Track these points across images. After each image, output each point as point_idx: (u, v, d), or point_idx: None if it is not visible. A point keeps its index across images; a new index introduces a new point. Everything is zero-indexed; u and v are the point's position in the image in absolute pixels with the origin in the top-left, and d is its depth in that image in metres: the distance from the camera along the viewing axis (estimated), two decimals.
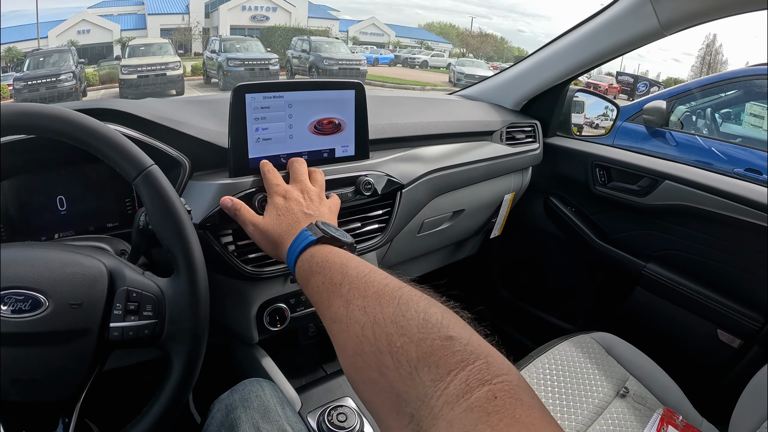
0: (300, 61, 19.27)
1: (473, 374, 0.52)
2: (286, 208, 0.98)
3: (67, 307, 0.75)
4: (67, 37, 20.73)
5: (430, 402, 0.52)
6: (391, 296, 0.65)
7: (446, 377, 0.53)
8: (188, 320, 0.84)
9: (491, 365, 0.53)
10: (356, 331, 0.64)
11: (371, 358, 0.61)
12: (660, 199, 1.89)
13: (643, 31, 1.65)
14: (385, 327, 0.61)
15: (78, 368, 0.77)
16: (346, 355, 0.66)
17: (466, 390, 0.51)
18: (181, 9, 26.79)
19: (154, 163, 0.85)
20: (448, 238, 2.05)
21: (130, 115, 1.08)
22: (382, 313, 0.63)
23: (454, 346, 0.56)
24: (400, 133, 1.52)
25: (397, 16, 66.79)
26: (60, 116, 0.80)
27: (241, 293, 1.24)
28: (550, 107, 2.13)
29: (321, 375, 1.41)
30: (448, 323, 0.59)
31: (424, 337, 0.57)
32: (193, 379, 0.86)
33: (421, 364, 0.55)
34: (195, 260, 0.85)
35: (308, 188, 1.05)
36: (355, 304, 0.67)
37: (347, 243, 0.88)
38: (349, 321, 0.66)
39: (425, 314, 0.60)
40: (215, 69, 16.77)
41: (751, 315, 1.74)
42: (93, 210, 1.15)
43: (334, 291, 0.73)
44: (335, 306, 0.71)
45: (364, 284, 0.70)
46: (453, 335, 0.57)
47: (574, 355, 1.62)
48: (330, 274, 0.76)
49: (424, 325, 0.59)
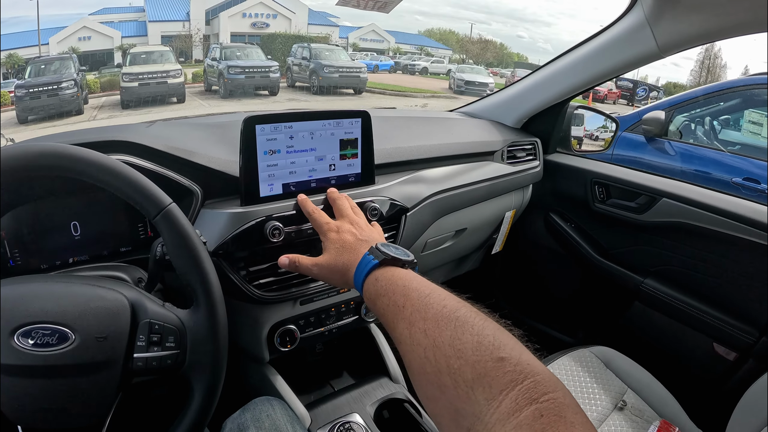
0: (300, 69, 19.16)
1: (522, 393, 0.56)
2: (342, 240, 1.01)
3: (93, 341, 0.78)
4: (68, 44, 20.62)
5: (484, 419, 0.57)
6: (449, 318, 0.69)
7: (498, 396, 0.57)
8: (209, 351, 0.88)
9: (539, 384, 0.57)
10: (419, 353, 0.69)
11: (433, 378, 0.66)
12: (658, 216, 1.92)
13: (641, 53, 1.68)
14: (443, 350, 0.65)
15: (104, 397, 0.81)
16: (412, 373, 0.71)
17: (515, 408, 0.55)
18: (182, 16, 26.67)
19: (172, 201, 0.88)
20: (450, 255, 2.08)
21: (143, 146, 1.11)
22: (441, 336, 0.67)
23: (506, 367, 0.60)
24: (404, 157, 1.55)
25: (396, 22, 66.53)
26: (83, 158, 0.82)
27: (253, 316, 1.27)
28: (550, 124, 2.16)
29: (329, 391, 1.44)
30: (500, 344, 0.63)
31: (479, 359, 0.62)
32: (213, 406, 0.89)
33: (476, 384, 0.60)
34: (214, 293, 0.88)
35: (355, 219, 1.09)
36: (416, 327, 0.71)
37: (408, 261, 0.90)
38: (412, 343, 0.71)
39: (479, 336, 0.65)
40: (216, 76, 16.68)
41: (746, 329, 1.77)
42: (106, 235, 1.17)
43: (398, 314, 0.76)
44: (400, 328, 0.75)
45: (424, 306, 0.73)
46: (504, 356, 0.61)
47: (573, 368, 1.65)
48: (394, 297, 0.79)
49: (478, 347, 0.63)
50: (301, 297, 1.29)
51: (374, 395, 1.36)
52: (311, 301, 1.33)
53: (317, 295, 1.33)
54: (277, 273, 1.21)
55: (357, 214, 1.12)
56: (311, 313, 1.34)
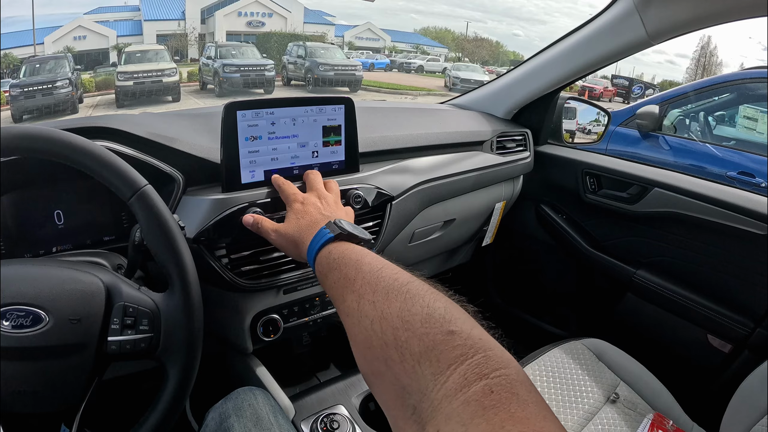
0: (296, 67, 19.20)
1: (471, 368, 0.54)
2: (304, 211, 1.01)
3: (67, 323, 0.77)
4: (63, 44, 20.62)
5: (430, 395, 0.54)
6: (399, 291, 0.67)
7: (446, 371, 0.55)
8: (183, 334, 0.86)
9: (490, 359, 0.55)
10: (366, 325, 0.66)
11: (379, 352, 0.63)
12: (650, 207, 1.91)
13: (630, 41, 1.66)
14: (391, 321, 0.63)
15: (77, 380, 0.80)
16: (358, 348, 0.69)
17: (464, 384, 0.52)
18: (177, 15, 26.70)
19: (147, 183, 0.87)
20: (439, 247, 2.06)
21: (124, 133, 1.09)
22: (390, 307, 0.65)
23: (455, 341, 0.57)
24: (391, 146, 1.54)
25: (392, 21, 66.77)
26: (55, 138, 0.82)
27: (236, 305, 1.26)
28: (540, 115, 2.15)
29: (315, 383, 1.43)
30: (451, 317, 0.61)
31: (427, 332, 0.59)
32: (188, 390, 0.88)
33: (423, 358, 0.57)
34: (188, 276, 0.87)
35: (324, 195, 1.09)
36: (365, 299, 0.69)
37: (365, 239, 0.90)
38: (360, 315, 0.68)
39: (429, 309, 0.62)
40: (211, 75, 16.70)
41: (740, 320, 1.76)
42: (90, 224, 1.16)
43: (348, 286, 0.75)
44: (348, 300, 0.73)
45: (375, 279, 0.72)
46: (454, 330, 0.59)
47: (564, 361, 1.64)
48: (345, 270, 0.78)
49: (428, 319, 0.61)
50: (284, 286, 1.28)
51: (360, 387, 1.35)
52: (295, 290, 1.32)
53: (300, 284, 1.31)
54: (259, 261, 1.20)
55: (329, 190, 1.12)
56: (295, 303, 1.33)
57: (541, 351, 1.68)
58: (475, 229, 2.15)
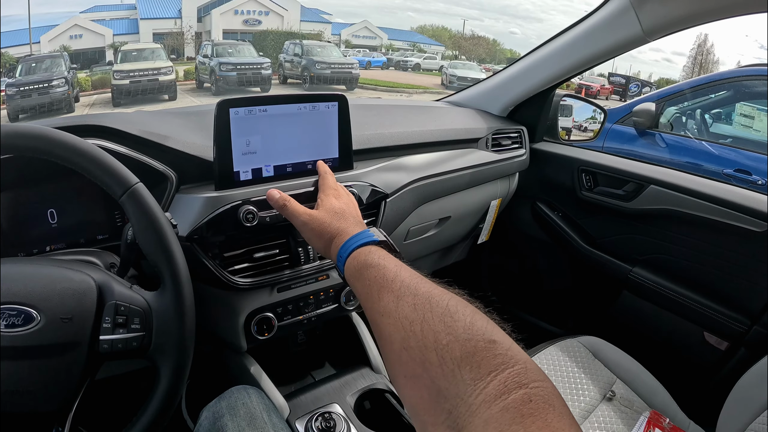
0: (292, 65, 19.21)
1: (511, 377, 0.54)
2: (341, 208, 1.02)
3: (59, 321, 0.77)
4: (59, 42, 20.63)
5: (468, 399, 0.55)
6: (441, 299, 0.67)
7: (486, 377, 0.55)
8: (174, 332, 0.86)
9: (529, 371, 0.55)
10: (405, 326, 0.66)
11: (417, 353, 0.63)
12: (645, 204, 1.91)
13: (626, 38, 1.66)
14: (433, 325, 0.63)
15: (69, 380, 0.79)
16: (392, 349, 0.68)
17: (503, 391, 0.53)
18: (174, 13, 26.72)
19: (139, 181, 0.87)
20: (435, 245, 2.06)
21: (117, 131, 1.09)
22: (432, 312, 0.65)
23: (496, 350, 0.58)
24: (385, 143, 1.54)
25: (389, 19, 66.79)
26: (45, 136, 0.82)
27: (229, 303, 1.25)
28: (536, 113, 2.15)
29: (310, 382, 1.43)
30: (492, 330, 0.61)
31: (469, 338, 0.60)
32: (181, 388, 0.87)
33: (464, 362, 0.58)
34: (180, 274, 0.86)
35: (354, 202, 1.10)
36: (405, 301, 0.69)
37: (398, 252, 0.90)
38: (398, 315, 0.68)
39: (471, 319, 0.63)
40: (207, 74, 16.70)
41: (737, 317, 1.76)
42: (83, 222, 1.16)
43: (386, 286, 0.75)
44: (385, 300, 0.73)
45: (415, 285, 0.72)
46: (496, 339, 0.59)
47: (560, 359, 1.64)
48: (384, 271, 0.78)
49: (470, 327, 0.61)
50: (277, 284, 1.27)
51: (355, 386, 1.35)
52: (288, 288, 1.31)
53: (294, 282, 1.31)
54: (253, 259, 1.19)
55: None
56: (289, 301, 1.32)
57: (537, 349, 1.68)
58: (471, 226, 2.15)
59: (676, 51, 61.24)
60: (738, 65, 5.29)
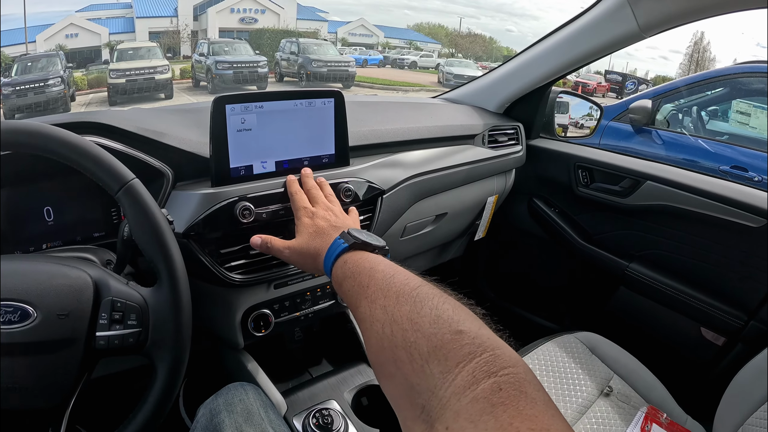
0: (289, 64, 19.22)
1: (480, 366, 0.54)
2: (315, 225, 1.01)
3: (55, 318, 0.77)
4: (55, 42, 20.58)
5: (438, 393, 0.55)
6: (409, 295, 0.67)
7: (454, 369, 0.55)
8: (171, 329, 0.86)
9: (498, 357, 0.55)
10: (377, 330, 0.67)
11: (389, 354, 0.64)
12: (642, 200, 1.91)
13: (622, 34, 1.65)
14: (401, 324, 0.64)
15: (66, 376, 0.79)
16: (371, 352, 0.69)
17: (472, 381, 0.53)
18: (170, 12, 26.65)
19: (135, 177, 0.87)
20: (432, 241, 2.06)
21: (113, 128, 1.09)
22: (399, 311, 0.66)
23: (463, 340, 0.58)
24: (381, 139, 1.54)
25: (386, 17, 66.66)
26: (41, 133, 0.82)
27: (226, 300, 1.25)
28: (532, 109, 2.15)
29: (307, 378, 1.43)
30: (459, 318, 0.61)
31: (435, 332, 0.60)
32: (177, 385, 0.87)
33: (431, 357, 0.58)
34: (176, 270, 0.86)
35: (329, 206, 1.09)
36: (377, 304, 0.70)
37: (378, 246, 0.89)
38: (372, 320, 0.69)
39: (438, 311, 0.63)
40: (204, 72, 16.69)
41: (734, 313, 1.76)
42: (80, 220, 1.16)
43: (362, 293, 0.75)
44: (362, 307, 0.73)
45: (387, 285, 0.72)
46: (462, 329, 0.59)
47: (558, 355, 1.64)
48: (359, 278, 0.78)
49: (436, 321, 0.61)
50: (274, 280, 1.28)
51: (352, 382, 1.35)
52: (285, 285, 1.31)
53: (291, 279, 1.31)
54: (249, 255, 1.19)
55: (332, 202, 1.12)
56: (286, 298, 1.32)
57: (534, 345, 1.68)
58: (468, 223, 2.15)
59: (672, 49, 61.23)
60: (734, 62, 5.23)
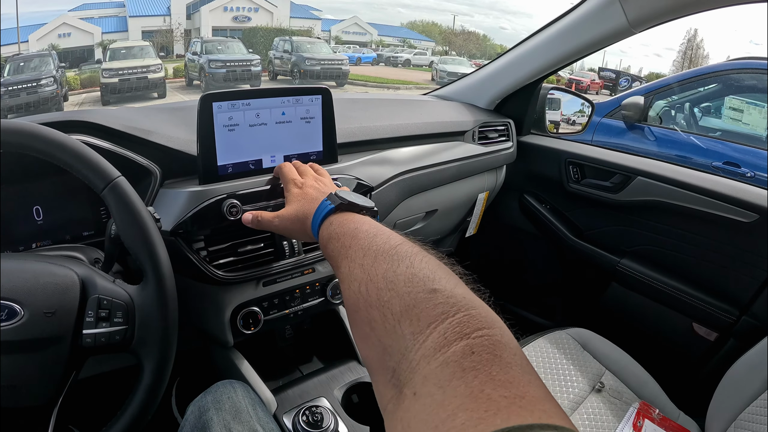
0: (282, 62, 19.19)
1: (452, 327, 0.51)
2: (304, 193, 1.00)
3: (42, 316, 0.77)
4: (47, 41, 20.49)
5: (409, 355, 0.52)
6: (387, 253, 0.66)
7: (425, 330, 0.52)
8: (157, 326, 0.86)
9: (473, 318, 0.52)
10: (354, 289, 0.65)
11: (364, 314, 0.61)
12: (633, 195, 1.92)
13: (612, 29, 1.66)
14: (376, 282, 0.61)
15: (54, 374, 0.80)
16: (348, 312, 0.67)
17: (443, 344, 0.49)
18: (163, 11, 26.58)
19: (120, 175, 0.87)
20: (422, 238, 2.02)
21: (101, 126, 1.09)
22: (376, 269, 0.64)
23: (437, 299, 0.55)
24: (370, 136, 1.54)
25: (379, 15, 66.54)
26: (27, 131, 0.82)
27: (215, 298, 1.25)
28: (523, 105, 2.15)
29: (297, 376, 1.42)
30: (435, 276, 0.59)
31: (409, 291, 0.57)
32: (164, 382, 0.88)
33: (404, 317, 0.55)
34: (162, 268, 0.87)
35: (319, 178, 1.08)
36: (356, 263, 0.68)
37: (366, 207, 0.88)
38: (350, 279, 0.67)
39: (414, 269, 0.60)
40: (197, 71, 16.65)
41: (726, 308, 1.77)
42: (69, 219, 1.16)
43: (343, 253, 0.74)
44: (343, 267, 0.72)
45: (368, 244, 0.70)
46: (437, 288, 0.56)
47: (549, 350, 1.64)
48: (343, 239, 0.77)
49: (411, 279, 0.59)
50: (263, 278, 1.27)
51: (342, 379, 1.35)
52: (274, 282, 1.31)
53: (280, 276, 1.31)
54: (237, 252, 1.19)
55: (322, 175, 1.11)
56: (275, 295, 1.32)
57: (526, 341, 1.69)
58: (458, 219, 2.16)
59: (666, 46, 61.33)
60: (728, 59, 5.22)
